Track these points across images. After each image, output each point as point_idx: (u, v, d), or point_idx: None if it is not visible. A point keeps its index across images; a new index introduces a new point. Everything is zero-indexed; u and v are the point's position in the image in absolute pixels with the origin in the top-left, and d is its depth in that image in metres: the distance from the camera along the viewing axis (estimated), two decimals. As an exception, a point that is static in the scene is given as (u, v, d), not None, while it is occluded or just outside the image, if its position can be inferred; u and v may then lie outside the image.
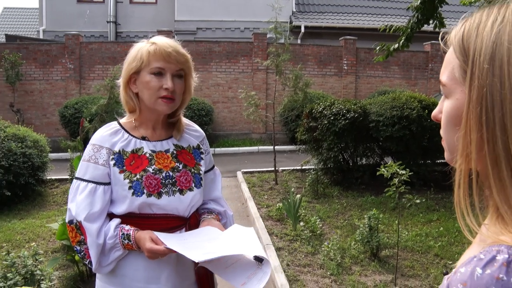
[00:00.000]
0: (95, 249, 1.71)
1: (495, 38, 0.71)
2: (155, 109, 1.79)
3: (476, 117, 0.71)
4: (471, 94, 0.72)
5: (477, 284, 0.65)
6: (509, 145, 0.69)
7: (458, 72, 0.76)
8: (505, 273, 0.64)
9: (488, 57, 0.70)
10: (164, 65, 1.75)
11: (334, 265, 4.75)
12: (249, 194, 7.57)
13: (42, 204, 7.48)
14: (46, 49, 14.51)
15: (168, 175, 1.81)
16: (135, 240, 1.70)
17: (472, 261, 0.68)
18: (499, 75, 0.69)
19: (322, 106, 8.12)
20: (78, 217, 1.73)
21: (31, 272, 3.57)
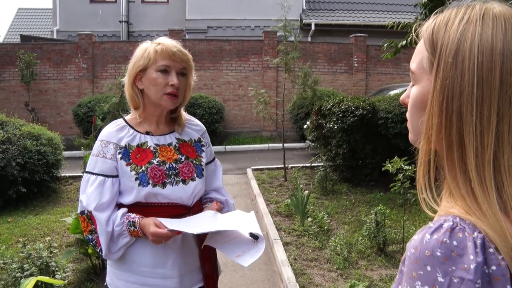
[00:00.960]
0: (104, 236, 1.84)
1: (460, 36, 0.79)
2: (160, 104, 1.92)
3: (438, 105, 0.80)
4: (436, 84, 0.81)
5: (425, 247, 0.75)
6: (462, 131, 0.78)
7: (426, 63, 0.85)
8: (449, 237, 0.74)
9: (453, 52, 0.79)
10: (170, 63, 1.89)
11: (341, 260, 4.83)
12: (258, 191, 7.68)
13: (56, 201, 7.66)
14: (60, 49, 14.74)
15: (172, 166, 1.94)
16: (140, 227, 1.82)
17: (423, 230, 0.78)
18: (461, 69, 0.78)
19: (331, 103, 8.19)
20: (88, 207, 1.86)
21: (46, 263, 3.72)
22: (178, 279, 1.93)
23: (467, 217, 0.77)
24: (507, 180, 0.77)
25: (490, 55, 0.77)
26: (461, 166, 0.80)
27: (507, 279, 0.72)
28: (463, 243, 0.74)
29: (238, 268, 4.88)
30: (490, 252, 0.73)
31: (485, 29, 0.78)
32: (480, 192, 0.77)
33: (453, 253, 0.73)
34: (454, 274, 0.72)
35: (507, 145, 0.77)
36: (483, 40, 0.78)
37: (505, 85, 0.76)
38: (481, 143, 0.77)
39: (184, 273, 1.95)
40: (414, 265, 0.77)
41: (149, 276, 1.90)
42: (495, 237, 0.74)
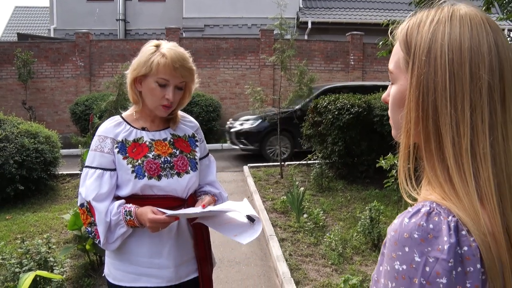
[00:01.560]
0: (102, 226, 1.91)
1: (431, 36, 0.86)
2: (154, 111, 2.03)
3: (415, 100, 0.87)
4: (412, 81, 0.88)
5: (404, 230, 0.81)
6: (438, 122, 0.85)
7: (402, 62, 0.92)
8: (425, 221, 0.81)
9: (426, 51, 0.86)
10: (169, 78, 1.95)
11: (336, 255, 4.90)
12: (254, 188, 7.74)
13: (54, 198, 7.70)
14: (57, 47, 14.78)
15: (167, 160, 2.02)
16: (136, 215, 1.89)
17: (403, 214, 0.85)
18: (433, 66, 0.85)
19: (326, 101, 8.25)
20: (87, 197, 1.93)
21: (44, 259, 3.77)
22: (173, 269, 2.00)
23: (443, 203, 0.83)
24: (482, 167, 0.83)
25: (459, 52, 0.84)
26: (439, 156, 0.86)
27: (477, 259, 0.78)
28: (439, 226, 0.80)
29: (234, 264, 4.94)
30: (463, 234, 0.79)
31: (453, 28, 0.86)
32: (458, 179, 0.83)
33: (429, 235, 0.79)
34: (430, 254, 0.78)
35: (481, 134, 0.83)
36: (452, 38, 0.85)
37: (475, 78, 0.83)
38: (457, 133, 0.84)
39: (180, 263, 2.02)
40: (393, 247, 0.83)
41: (145, 266, 1.97)
42: (468, 221, 0.80)
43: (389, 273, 0.84)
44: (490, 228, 0.81)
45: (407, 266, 0.80)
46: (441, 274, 0.77)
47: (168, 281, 2.00)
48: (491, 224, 0.81)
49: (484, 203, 0.83)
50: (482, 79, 0.83)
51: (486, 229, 0.80)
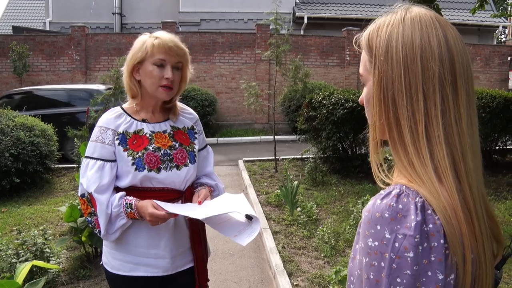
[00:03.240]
0: (103, 218, 1.96)
1: (387, 37, 0.97)
2: (155, 95, 2.05)
3: (377, 96, 0.97)
4: (374, 79, 0.98)
5: (376, 210, 0.91)
6: (398, 114, 0.95)
7: (368, 65, 1.02)
8: (395, 201, 0.90)
9: (383, 51, 0.97)
10: (165, 57, 2.00)
11: (328, 248, 4.97)
12: (249, 182, 7.81)
13: (50, 191, 7.75)
14: (53, 40, 14.76)
15: (166, 152, 2.06)
16: (136, 208, 1.94)
17: (376, 196, 0.94)
18: (391, 64, 0.95)
19: (321, 96, 8.31)
20: (89, 189, 1.97)
21: (41, 249, 3.83)
22: (170, 260, 2.06)
23: (411, 185, 0.92)
24: (437, 148, 0.93)
25: (411, 49, 0.94)
26: (400, 143, 0.96)
27: (441, 235, 0.87)
28: (407, 206, 0.89)
29: (228, 256, 5.01)
30: (428, 213, 0.88)
31: (405, 29, 0.96)
32: (418, 163, 0.93)
33: (398, 214, 0.89)
34: (399, 232, 0.88)
35: (434, 119, 0.93)
36: (405, 38, 0.95)
37: (426, 70, 0.93)
38: (414, 121, 0.94)
39: (176, 255, 2.08)
40: (367, 225, 0.92)
41: (142, 256, 2.03)
42: (432, 201, 0.89)
43: (363, 249, 0.93)
44: (450, 203, 0.90)
45: (378, 242, 0.90)
46: (409, 249, 0.86)
47: (165, 271, 2.06)
48: (450, 199, 0.90)
49: (442, 181, 0.92)
50: (432, 70, 0.93)
51: (447, 204, 0.89)
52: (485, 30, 19.60)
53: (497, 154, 9.57)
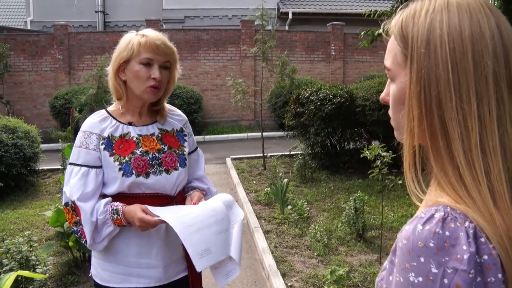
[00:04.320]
0: (89, 226, 1.85)
1: (428, 26, 0.81)
2: (142, 97, 1.94)
3: (417, 96, 0.82)
4: (412, 76, 0.83)
5: (418, 238, 0.76)
6: (444, 118, 0.80)
7: (400, 58, 0.87)
8: (441, 228, 0.76)
9: (424, 43, 0.81)
10: (152, 56, 1.89)
11: (321, 246, 4.91)
12: (238, 180, 7.72)
13: (35, 194, 7.58)
14: (34, 40, 14.48)
15: (155, 156, 1.96)
16: (123, 214, 1.83)
17: (415, 220, 0.80)
18: (434, 58, 0.80)
19: (309, 91, 8.24)
20: (72, 197, 1.86)
21: (26, 257, 3.69)
22: (162, 269, 1.95)
23: (457, 206, 0.78)
24: (493, 162, 0.78)
25: (460, 41, 0.79)
26: (447, 154, 0.81)
27: (498, 268, 0.74)
28: (456, 233, 0.75)
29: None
30: (482, 241, 0.75)
31: (451, 16, 0.81)
32: (469, 178, 0.78)
33: (446, 244, 0.75)
34: (448, 265, 0.74)
35: (489, 126, 0.78)
36: (451, 27, 0.80)
37: (479, 67, 0.78)
38: (465, 127, 0.79)
39: (169, 263, 1.98)
40: (406, 256, 0.78)
41: (133, 266, 1.92)
42: (485, 226, 0.75)
43: (403, 285, 0.78)
44: (506, 230, 0.76)
45: (423, 278, 0.75)
46: (462, 286, 0.73)
47: (157, 281, 1.96)
48: (506, 225, 0.77)
49: (497, 201, 0.78)
50: (487, 67, 0.79)
51: (503, 231, 0.76)
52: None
53: None
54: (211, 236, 1.81)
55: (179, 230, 1.75)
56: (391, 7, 7.45)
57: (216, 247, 1.80)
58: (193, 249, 1.74)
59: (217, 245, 1.81)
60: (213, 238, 1.81)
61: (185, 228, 1.77)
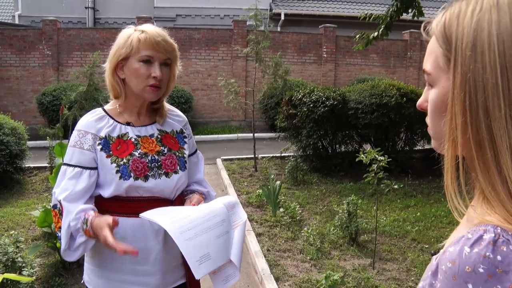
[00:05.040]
0: (65, 230, 1.72)
1: (475, 26, 0.74)
2: (142, 96, 1.84)
3: (461, 102, 0.74)
4: (455, 81, 0.75)
5: (465, 262, 0.69)
6: (492, 128, 0.72)
7: (442, 60, 0.79)
8: (492, 251, 0.68)
9: (470, 45, 0.73)
10: (153, 54, 1.80)
11: (314, 250, 4.84)
12: (229, 181, 7.62)
13: (20, 192, 7.42)
14: (23, 34, 14.23)
15: (154, 158, 1.86)
16: (91, 225, 1.67)
17: (460, 241, 0.72)
18: (481, 61, 0.72)
19: (301, 93, 8.18)
20: (59, 196, 1.76)
21: (12, 259, 3.57)
22: (160, 276, 1.85)
23: (508, 227, 0.71)
24: None
25: (511, 43, 0.71)
26: (495, 167, 0.73)
27: None
28: (508, 258, 0.68)
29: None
30: None
31: (502, 15, 0.73)
32: None
33: (497, 270, 0.67)
34: None
35: None
36: (501, 27, 0.72)
37: None
38: None
39: (167, 270, 1.88)
40: (451, 282, 0.71)
41: (130, 273, 1.82)
42: None
43: None
44: None
45: None
46: None
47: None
48: None
49: None
50: None
51: None
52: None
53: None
54: (210, 240, 1.71)
55: (176, 236, 1.64)
56: (387, 11, 7.41)
57: (215, 252, 1.71)
58: (192, 256, 1.64)
59: (216, 249, 1.72)
60: (213, 242, 1.72)
61: (182, 233, 1.66)
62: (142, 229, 1.79)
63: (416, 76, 16.13)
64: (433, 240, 5.26)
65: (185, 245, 1.64)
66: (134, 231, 1.79)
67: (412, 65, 16.11)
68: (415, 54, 16.08)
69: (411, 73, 16.09)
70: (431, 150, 4.46)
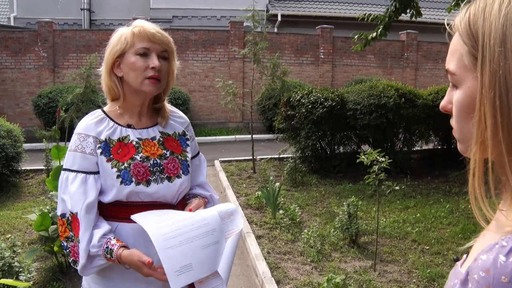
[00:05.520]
0: (84, 249, 1.67)
1: (504, 21, 0.69)
2: (142, 90, 1.76)
3: (490, 103, 0.69)
4: (483, 80, 0.70)
5: (500, 271, 0.65)
6: None
7: (468, 59, 0.74)
8: None
9: (499, 40, 0.69)
10: (149, 45, 1.74)
11: (314, 252, 4.79)
12: (227, 183, 7.57)
13: (17, 195, 7.34)
14: (18, 36, 14.14)
15: (156, 162, 1.79)
16: (118, 258, 1.65)
17: (494, 248, 0.67)
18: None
19: (300, 94, 8.14)
20: (74, 209, 1.69)
21: (8, 264, 3.50)
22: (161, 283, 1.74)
23: None
24: None
25: None
26: None
27: None
28: None
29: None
30: None
31: None
32: None
33: None
34: None
35: None
36: None
37: None
38: None
39: None
40: None
41: (131, 280, 1.75)
42: None
43: None
44: None
45: None
46: None
47: None
48: None
49: None
50: None
51: None
52: (455, 29, 19.80)
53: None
54: (195, 250, 1.64)
55: (157, 243, 1.59)
56: (385, 11, 7.38)
57: (199, 263, 1.64)
58: (171, 265, 1.58)
59: (201, 260, 1.65)
60: (197, 253, 1.65)
61: (165, 241, 1.60)
62: (143, 234, 1.72)
63: (413, 76, 16.14)
64: (433, 242, 5.23)
65: (166, 253, 1.59)
66: (135, 237, 1.73)
67: (409, 66, 16.11)
68: (411, 55, 16.08)
69: (408, 73, 16.08)
70: (429, 150, 4.44)
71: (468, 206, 6.52)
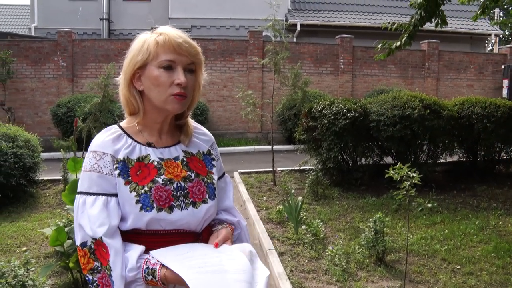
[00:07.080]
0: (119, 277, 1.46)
1: None
2: (165, 108, 1.56)
3: None
4: None
5: None
6: None
7: None
8: None
9: None
10: (174, 57, 1.53)
11: (340, 271, 4.57)
12: (247, 196, 7.37)
13: (34, 206, 7.24)
14: (38, 46, 14.22)
15: (180, 186, 1.58)
16: (164, 279, 1.45)
17: None
18: None
19: (321, 105, 7.94)
20: (96, 234, 1.47)
21: (22, 282, 3.34)
22: None
23: None
24: None
25: None
26: None
27: None
28: None
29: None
30: None
31: None
32: None
33: None
34: None
35: None
36: None
37: None
38: None
39: None
40: None
41: None
42: None
43: None
44: None
45: None
46: None
47: None
48: None
49: None
50: None
51: None
52: (477, 39, 19.49)
53: (501, 165, 9.29)
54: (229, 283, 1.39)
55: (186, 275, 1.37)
56: (410, 19, 7.16)
57: None
58: None
59: None
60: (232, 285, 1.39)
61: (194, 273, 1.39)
62: None
63: (435, 87, 15.82)
64: (464, 261, 4.96)
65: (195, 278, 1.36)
66: None
67: (430, 76, 15.81)
68: (433, 65, 15.79)
69: (430, 84, 15.78)
70: (453, 163, 4.14)
71: (499, 222, 6.24)
